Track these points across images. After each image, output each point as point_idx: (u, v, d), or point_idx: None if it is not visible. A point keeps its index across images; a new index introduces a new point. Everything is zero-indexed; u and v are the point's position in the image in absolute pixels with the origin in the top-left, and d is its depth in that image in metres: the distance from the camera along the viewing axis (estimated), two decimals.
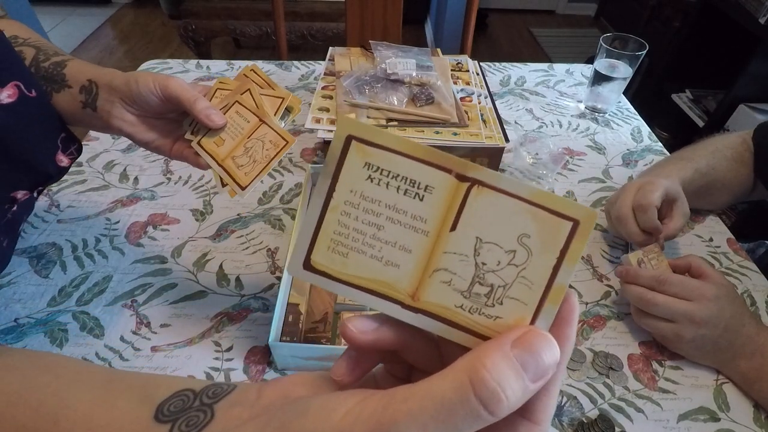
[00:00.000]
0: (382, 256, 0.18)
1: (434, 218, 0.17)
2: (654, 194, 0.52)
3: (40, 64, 0.43)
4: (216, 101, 0.42)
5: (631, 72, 0.79)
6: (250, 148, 0.38)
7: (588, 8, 3.21)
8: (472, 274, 0.17)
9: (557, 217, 0.17)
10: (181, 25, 1.98)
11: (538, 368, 0.15)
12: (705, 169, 0.59)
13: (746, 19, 1.47)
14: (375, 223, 0.18)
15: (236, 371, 0.46)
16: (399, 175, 0.17)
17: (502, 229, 0.17)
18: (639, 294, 0.47)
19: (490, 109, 0.68)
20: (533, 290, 0.17)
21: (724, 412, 0.44)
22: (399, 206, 0.18)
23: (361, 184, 0.17)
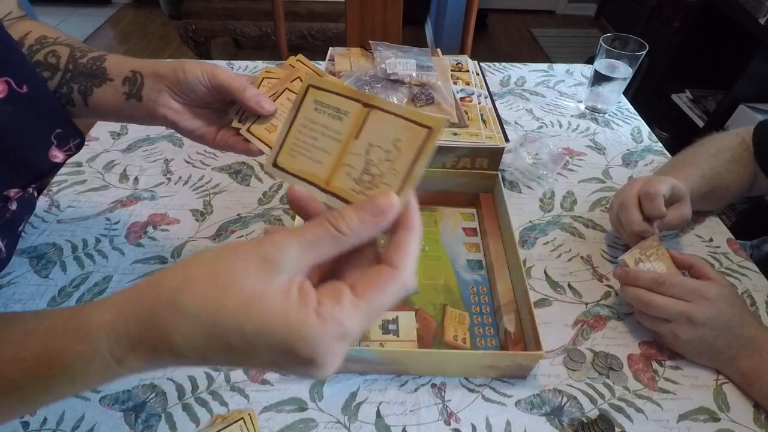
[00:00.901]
0: (313, 156, 0.27)
1: (346, 131, 0.26)
2: (663, 184, 0.52)
3: (78, 61, 0.43)
4: (263, 89, 0.42)
5: (631, 72, 0.79)
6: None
7: (588, 8, 3.21)
8: (362, 167, 0.25)
9: (418, 126, 0.24)
10: (181, 25, 1.98)
11: (375, 207, 0.23)
12: (710, 174, 0.59)
13: (746, 19, 1.47)
14: (313, 137, 0.27)
15: (236, 371, 0.46)
16: (331, 106, 0.27)
17: (385, 136, 0.25)
18: (637, 295, 0.47)
19: (490, 109, 0.68)
20: (398, 177, 0.25)
21: (724, 412, 0.44)
22: (328, 125, 0.27)
23: (311, 113, 0.27)
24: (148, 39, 2.76)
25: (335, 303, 0.22)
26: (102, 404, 0.43)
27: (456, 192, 0.63)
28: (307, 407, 0.44)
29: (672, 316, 0.45)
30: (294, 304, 0.21)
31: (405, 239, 0.24)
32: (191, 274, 0.22)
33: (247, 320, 0.21)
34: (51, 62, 0.44)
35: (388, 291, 0.23)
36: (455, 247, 0.59)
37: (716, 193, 0.60)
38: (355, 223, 0.23)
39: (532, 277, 0.56)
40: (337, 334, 0.21)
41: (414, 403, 0.44)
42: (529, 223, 0.63)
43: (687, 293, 0.45)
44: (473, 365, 0.46)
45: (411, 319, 0.50)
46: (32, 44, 0.44)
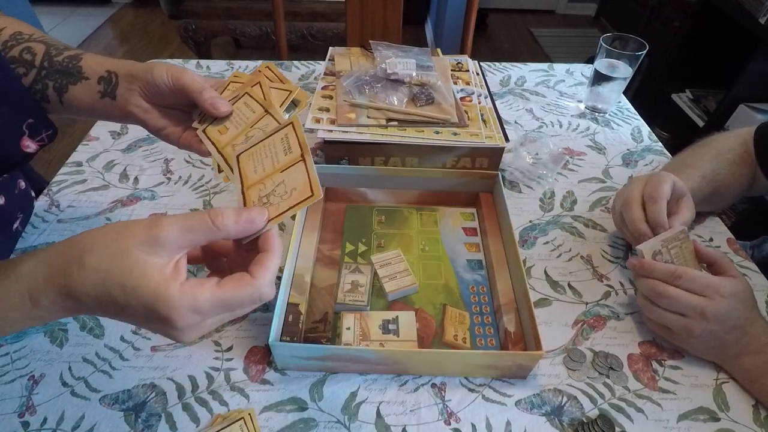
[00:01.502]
0: (257, 167, 0.36)
1: (281, 164, 0.35)
2: (665, 186, 0.52)
3: (53, 59, 0.45)
4: (227, 93, 0.43)
5: (631, 72, 0.79)
6: (251, 137, 0.38)
7: (588, 8, 3.21)
8: (267, 192, 0.34)
9: (308, 189, 0.32)
10: (181, 25, 1.98)
11: (249, 216, 0.31)
12: (711, 175, 0.59)
13: (746, 19, 1.46)
14: (266, 155, 0.36)
15: (236, 371, 0.46)
16: (289, 142, 0.36)
17: (292, 181, 0.33)
18: (652, 285, 0.47)
19: (490, 109, 0.68)
20: (277, 210, 0.32)
21: (723, 412, 0.44)
22: (277, 153, 0.36)
23: (278, 140, 0.36)
24: (148, 39, 2.76)
25: (199, 284, 0.29)
26: (102, 404, 0.43)
27: (456, 192, 0.63)
28: (307, 407, 0.44)
29: (686, 310, 0.45)
30: (165, 274, 0.28)
31: (265, 258, 0.30)
32: (96, 240, 0.29)
33: (128, 280, 0.27)
34: (26, 59, 0.45)
35: (241, 292, 0.29)
36: (455, 247, 0.59)
37: (717, 194, 0.60)
38: (230, 222, 0.30)
39: (532, 276, 0.56)
40: (190, 306, 0.28)
41: (414, 403, 0.44)
42: (529, 223, 0.63)
43: (703, 288, 0.45)
44: (473, 365, 0.46)
45: (411, 319, 0.50)
46: (6, 40, 0.45)
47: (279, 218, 0.32)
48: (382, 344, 0.47)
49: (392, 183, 0.62)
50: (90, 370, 0.46)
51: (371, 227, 0.61)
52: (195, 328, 0.29)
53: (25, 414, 0.42)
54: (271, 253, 0.31)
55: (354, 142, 0.62)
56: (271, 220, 0.32)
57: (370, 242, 0.59)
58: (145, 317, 0.29)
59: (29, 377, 0.45)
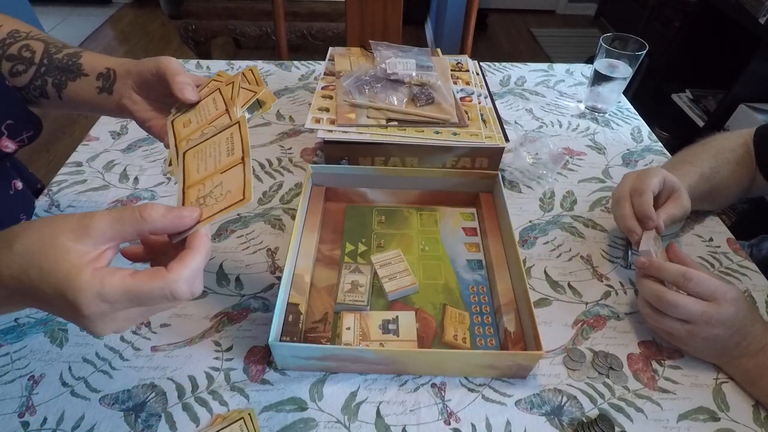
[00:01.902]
0: (199, 165, 0.36)
1: (222, 165, 0.35)
2: (652, 179, 0.52)
3: (53, 56, 0.47)
4: (206, 90, 0.44)
5: (631, 72, 0.79)
6: (206, 133, 0.38)
7: (588, 8, 3.21)
8: (205, 193, 0.34)
9: (239, 192, 0.32)
10: (181, 25, 1.98)
11: (179, 212, 0.31)
12: (709, 172, 0.59)
13: (746, 19, 1.46)
14: (210, 153, 0.36)
15: (236, 371, 0.46)
16: (235, 143, 0.36)
17: (228, 184, 0.33)
18: (657, 293, 0.45)
19: (490, 109, 0.68)
20: (210, 212, 0.32)
21: (723, 412, 0.44)
22: (221, 153, 0.36)
23: (224, 138, 0.37)
24: (148, 39, 2.76)
25: (111, 272, 0.29)
26: (102, 404, 0.43)
27: (456, 192, 0.63)
28: (307, 407, 0.44)
29: (692, 317, 0.43)
30: (83, 260, 0.28)
31: (186, 255, 0.30)
32: (30, 227, 0.29)
33: (46, 262, 0.28)
34: (25, 56, 0.46)
35: (152, 285, 0.29)
36: (455, 247, 0.59)
37: (716, 193, 0.60)
38: (158, 216, 0.30)
39: (532, 276, 0.56)
40: (96, 292, 0.28)
41: (414, 402, 0.44)
42: (529, 223, 0.63)
43: (711, 293, 0.43)
44: (473, 365, 0.46)
45: (411, 319, 0.50)
46: (4, 38, 0.47)
47: (209, 219, 0.32)
48: (382, 344, 0.47)
49: (392, 183, 0.62)
50: (90, 370, 0.46)
51: (371, 227, 0.61)
52: (105, 319, 0.29)
53: (25, 414, 0.42)
54: (193, 251, 0.30)
55: (354, 142, 0.62)
56: (201, 221, 0.32)
57: (370, 242, 0.59)
58: (56, 303, 0.28)
59: (29, 377, 0.45)
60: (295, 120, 0.80)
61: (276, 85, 0.88)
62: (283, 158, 0.72)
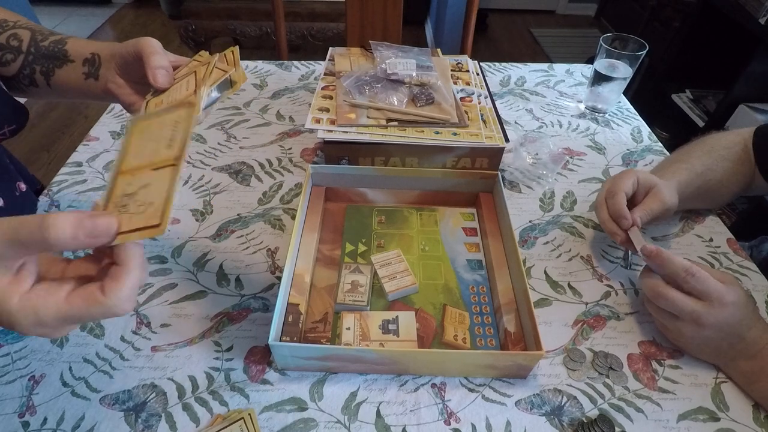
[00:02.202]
0: (139, 151, 0.33)
1: (158, 160, 0.31)
2: (624, 180, 0.53)
3: (39, 44, 0.47)
4: (184, 70, 0.42)
5: (631, 72, 0.79)
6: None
7: (588, 8, 3.21)
8: (132, 190, 0.30)
9: (158, 210, 0.28)
10: (181, 25, 1.98)
11: (93, 227, 0.26)
12: (700, 169, 0.59)
13: (746, 19, 1.47)
14: (150, 139, 0.33)
15: (236, 371, 0.46)
16: (173, 133, 0.32)
17: (156, 190, 0.29)
18: (653, 286, 0.46)
19: (490, 109, 0.68)
20: (132, 222, 0.28)
21: (723, 412, 0.44)
22: (157, 146, 0.32)
23: (165, 126, 0.33)
24: None
25: (44, 296, 0.27)
26: (102, 404, 0.43)
27: (456, 192, 0.63)
28: (307, 407, 0.44)
29: (681, 314, 0.44)
30: (3, 288, 0.26)
31: (121, 273, 0.28)
32: None
33: None
34: (13, 45, 0.47)
35: (91, 310, 0.27)
36: (455, 247, 0.59)
37: (711, 190, 0.60)
38: (65, 236, 0.25)
39: (532, 276, 0.56)
40: (33, 320, 0.27)
41: (414, 403, 0.44)
42: (529, 223, 0.63)
43: (708, 293, 0.43)
44: (473, 365, 0.46)
45: (411, 319, 0.50)
46: None
47: (124, 238, 0.28)
48: (382, 344, 0.47)
49: (392, 183, 0.63)
50: (90, 370, 0.46)
51: (371, 227, 0.61)
52: (50, 333, 0.29)
53: (25, 414, 0.42)
54: (125, 268, 0.28)
55: (354, 142, 0.62)
56: (120, 235, 0.28)
57: (370, 242, 0.59)
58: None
59: (29, 377, 0.45)
60: (295, 120, 0.80)
61: (276, 85, 0.88)
62: (283, 158, 0.72)
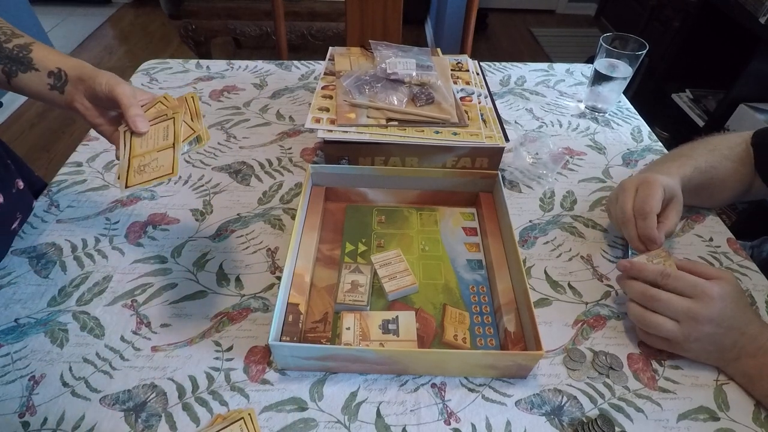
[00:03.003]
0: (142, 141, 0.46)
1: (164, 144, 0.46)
2: (654, 199, 0.52)
3: (2, 45, 0.48)
4: (153, 110, 0.49)
5: (631, 72, 0.79)
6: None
7: (588, 8, 3.21)
8: (146, 162, 0.45)
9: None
10: (181, 25, 1.98)
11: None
12: (704, 166, 0.59)
13: (746, 19, 1.47)
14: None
15: (236, 371, 0.46)
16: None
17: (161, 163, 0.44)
18: (641, 290, 0.46)
19: (490, 108, 0.68)
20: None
21: (723, 412, 0.44)
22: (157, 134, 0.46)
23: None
24: (148, 39, 2.76)
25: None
26: (102, 404, 0.43)
27: (456, 192, 0.63)
28: (307, 407, 0.44)
29: (676, 314, 0.44)
30: None
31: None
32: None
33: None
34: None
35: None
36: (455, 247, 0.59)
37: (712, 188, 0.60)
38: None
39: (532, 276, 0.56)
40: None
41: (414, 402, 0.44)
42: (529, 223, 0.63)
43: (690, 288, 0.44)
44: (473, 365, 0.46)
45: (411, 319, 0.50)
46: None
47: (146, 183, 0.42)
48: (382, 344, 0.47)
49: (392, 183, 0.62)
50: (90, 371, 0.46)
51: (371, 227, 0.61)
52: None
53: (25, 414, 0.42)
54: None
55: (354, 142, 0.62)
56: (140, 183, 0.42)
57: (370, 242, 0.59)
58: None
59: (29, 377, 0.45)
60: (295, 120, 0.80)
61: (276, 85, 0.88)
62: (283, 158, 0.72)
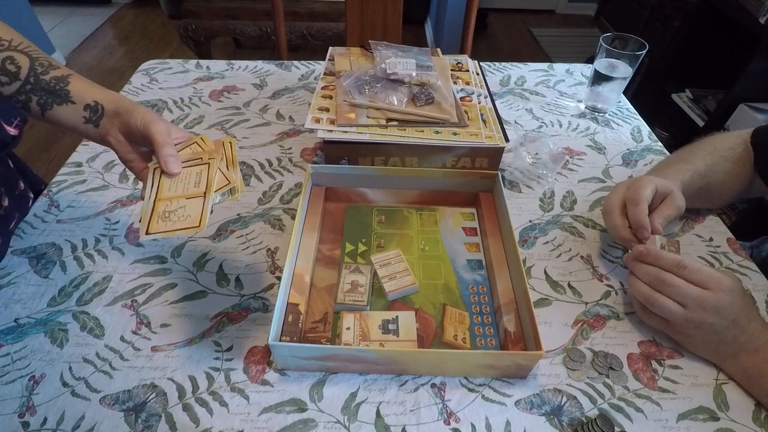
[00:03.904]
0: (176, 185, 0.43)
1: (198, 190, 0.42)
2: (646, 189, 0.52)
3: (39, 77, 0.47)
4: (187, 151, 0.46)
5: (631, 72, 0.79)
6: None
7: (588, 8, 3.21)
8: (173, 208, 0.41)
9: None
10: (181, 25, 1.98)
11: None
12: (704, 170, 0.59)
13: (746, 19, 1.47)
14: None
15: (236, 371, 0.46)
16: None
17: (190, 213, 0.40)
18: (654, 273, 0.46)
19: (490, 109, 0.68)
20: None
21: (723, 412, 0.44)
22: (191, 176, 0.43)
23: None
24: (148, 39, 2.76)
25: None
26: (102, 404, 0.43)
27: (456, 192, 0.63)
28: (307, 407, 0.44)
29: (685, 300, 0.44)
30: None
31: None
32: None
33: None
34: (9, 69, 0.46)
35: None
36: (455, 247, 0.59)
37: (712, 191, 0.60)
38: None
39: (532, 276, 0.56)
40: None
41: (414, 403, 0.44)
42: (529, 223, 0.63)
43: (706, 280, 0.44)
44: (473, 365, 0.46)
45: (411, 319, 0.50)
46: None
47: (169, 234, 0.38)
48: (382, 344, 0.47)
49: (392, 183, 0.63)
50: (90, 371, 0.46)
51: (371, 227, 0.61)
52: None
53: (25, 414, 0.42)
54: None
55: (354, 142, 0.62)
56: (160, 233, 0.38)
57: (370, 242, 0.59)
58: None
59: (29, 377, 0.45)
60: (295, 120, 0.80)
61: (276, 85, 0.88)
62: (283, 158, 0.72)
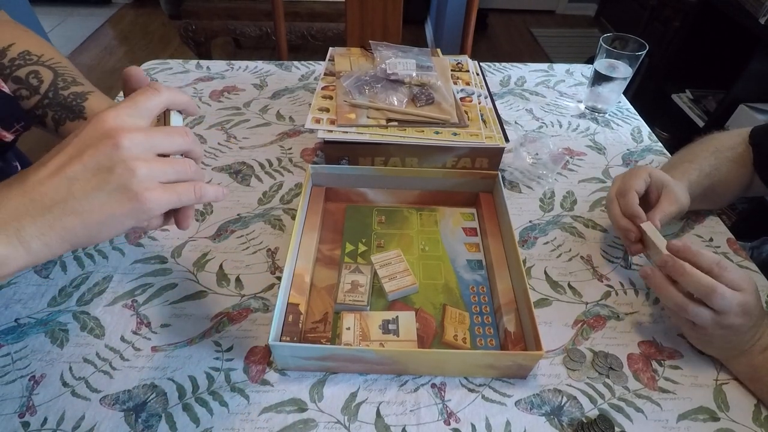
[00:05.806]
0: None
1: None
2: (635, 179, 0.52)
3: (59, 91, 0.46)
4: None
5: (631, 72, 0.79)
6: None
7: (588, 8, 3.21)
8: None
9: None
10: (181, 25, 1.98)
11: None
12: (708, 170, 0.59)
13: (746, 19, 1.47)
14: None
15: (236, 371, 0.46)
16: None
17: None
18: (698, 277, 0.42)
19: (490, 109, 0.68)
20: None
21: (723, 412, 0.44)
22: None
23: None
24: (148, 39, 2.76)
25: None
26: (102, 404, 0.43)
27: (456, 192, 0.63)
28: (307, 408, 0.44)
29: (732, 307, 0.42)
30: None
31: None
32: None
33: None
34: (32, 83, 0.46)
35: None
36: (455, 247, 0.59)
37: (716, 191, 0.60)
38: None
39: (532, 277, 0.56)
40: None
41: (414, 403, 0.44)
42: (529, 223, 0.63)
43: (739, 282, 0.42)
44: (473, 365, 0.46)
45: (411, 319, 0.50)
46: (14, 57, 0.46)
47: None
48: (382, 344, 0.47)
49: (392, 183, 0.63)
50: (90, 371, 0.46)
51: (371, 227, 0.61)
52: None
53: (25, 414, 0.42)
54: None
55: (354, 142, 0.62)
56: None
57: (370, 242, 0.59)
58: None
59: (30, 377, 0.45)
60: (295, 120, 0.80)
61: (276, 85, 0.88)
62: (283, 158, 0.72)
